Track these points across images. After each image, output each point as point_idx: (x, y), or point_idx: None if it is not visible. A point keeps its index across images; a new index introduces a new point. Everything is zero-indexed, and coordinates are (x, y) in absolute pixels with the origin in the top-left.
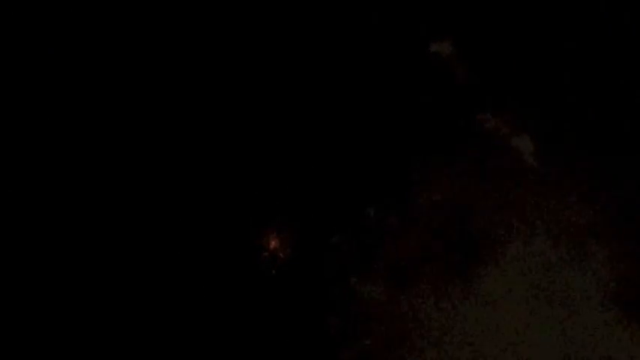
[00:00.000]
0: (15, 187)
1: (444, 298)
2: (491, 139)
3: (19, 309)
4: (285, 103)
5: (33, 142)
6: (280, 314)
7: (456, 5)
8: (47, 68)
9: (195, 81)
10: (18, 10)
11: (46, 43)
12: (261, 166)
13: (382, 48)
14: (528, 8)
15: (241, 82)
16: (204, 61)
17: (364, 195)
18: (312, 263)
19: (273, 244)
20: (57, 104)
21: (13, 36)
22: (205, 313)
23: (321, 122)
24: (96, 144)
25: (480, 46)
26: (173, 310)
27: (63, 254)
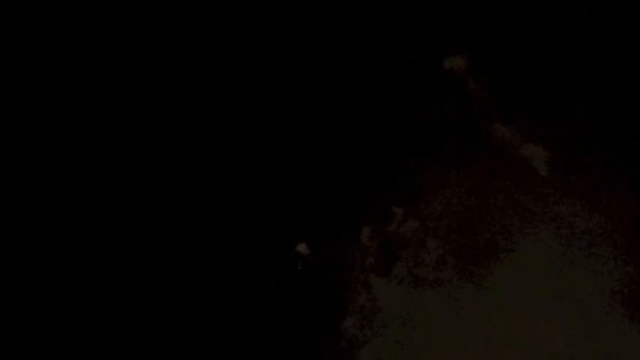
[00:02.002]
0: (15, 187)
1: (458, 302)
2: (502, 147)
3: (19, 309)
4: (311, 112)
5: (33, 142)
6: (300, 314)
7: (469, 19)
8: (47, 68)
9: (217, 87)
10: (18, 10)
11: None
12: (288, 168)
13: (401, 61)
14: (540, 18)
15: (272, 91)
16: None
17: (390, 195)
18: (338, 264)
19: (300, 247)
20: (57, 104)
21: (12, 36)
22: (224, 313)
23: (345, 129)
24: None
25: (492, 55)
26: (194, 309)
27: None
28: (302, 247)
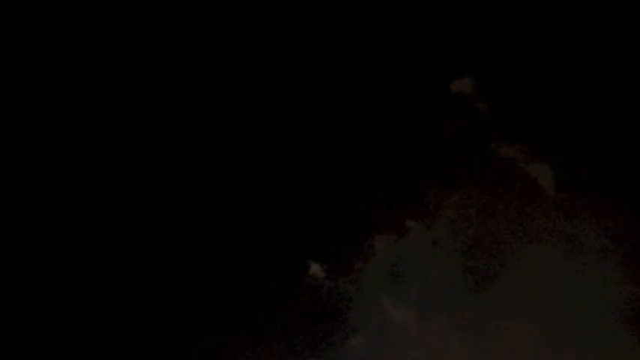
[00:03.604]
0: (15, 188)
1: (467, 320)
2: (510, 166)
3: (18, 309)
4: (323, 131)
5: (33, 142)
6: (308, 328)
7: (476, 42)
8: (48, 68)
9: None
10: (18, 10)
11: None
12: (301, 188)
13: (412, 85)
14: (549, 40)
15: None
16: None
17: (401, 213)
18: (349, 282)
19: (314, 268)
20: (58, 104)
21: (13, 36)
22: (233, 322)
23: (357, 149)
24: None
25: (499, 76)
26: (204, 322)
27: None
28: (316, 269)
